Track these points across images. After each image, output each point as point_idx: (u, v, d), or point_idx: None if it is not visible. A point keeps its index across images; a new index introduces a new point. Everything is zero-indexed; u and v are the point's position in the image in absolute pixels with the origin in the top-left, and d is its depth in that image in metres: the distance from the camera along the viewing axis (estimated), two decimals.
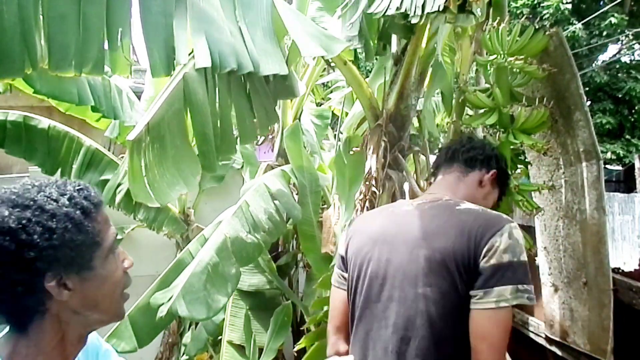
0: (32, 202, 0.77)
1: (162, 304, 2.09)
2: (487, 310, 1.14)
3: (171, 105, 1.78)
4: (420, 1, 1.55)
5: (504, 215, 1.25)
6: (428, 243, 1.23)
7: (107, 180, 3.06)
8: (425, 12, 1.53)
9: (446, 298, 1.18)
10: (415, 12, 1.55)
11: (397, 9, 1.60)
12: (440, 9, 1.52)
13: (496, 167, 1.46)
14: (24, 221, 0.75)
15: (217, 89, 1.85)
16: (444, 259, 1.19)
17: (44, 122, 3.10)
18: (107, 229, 0.85)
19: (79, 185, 0.83)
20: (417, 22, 1.60)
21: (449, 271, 1.18)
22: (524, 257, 1.18)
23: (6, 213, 0.75)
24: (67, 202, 0.79)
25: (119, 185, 2.60)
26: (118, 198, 2.55)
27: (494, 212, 1.29)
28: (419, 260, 1.22)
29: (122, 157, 3.14)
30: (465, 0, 1.60)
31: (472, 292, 1.16)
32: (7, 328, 0.83)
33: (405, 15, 1.62)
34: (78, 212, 0.79)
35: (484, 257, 1.16)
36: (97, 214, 0.83)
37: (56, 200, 0.78)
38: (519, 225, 1.24)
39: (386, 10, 1.63)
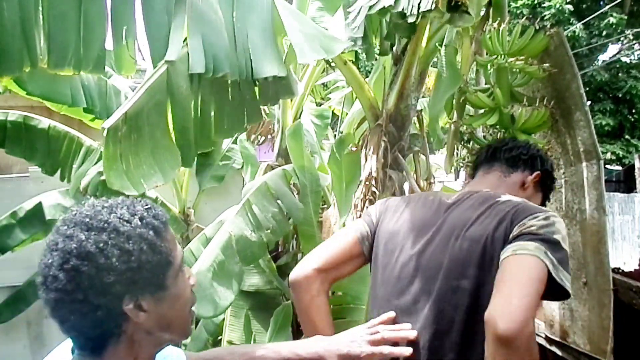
0: (106, 225, 0.75)
1: None
2: (504, 260, 1.05)
3: (152, 97, 1.74)
4: (416, 0, 1.55)
5: (550, 210, 1.19)
6: (465, 233, 1.15)
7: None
8: (421, 11, 1.53)
9: (483, 289, 1.08)
10: (411, 11, 1.55)
11: (391, 6, 1.60)
12: (432, 8, 1.51)
13: (541, 168, 1.39)
14: (101, 244, 0.73)
15: (200, 83, 1.83)
16: (481, 249, 1.11)
17: (44, 122, 3.10)
18: (175, 247, 0.83)
19: (146, 205, 0.82)
20: (413, 21, 1.60)
21: (485, 261, 1.10)
22: (564, 244, 1.08)
23: (83, 237, 0.73)
24: (139, 223, 0.77)
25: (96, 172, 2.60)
26: (83, 183, 2.53)
27: (538, 205, 1.22)
28: (454, 251, 1.14)
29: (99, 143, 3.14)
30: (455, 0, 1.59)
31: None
32: (73, 347, 0.82)
33: (402, 15, 1.62)
34: (151, 232, 0.78)
35: (513, 232, 1.09)
36: (166, 233, 0.82)
37: (129, 222, 0.77)
38: None
39: (386, 7, 1.62)
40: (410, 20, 1.58)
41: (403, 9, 1.57)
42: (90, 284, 0.73)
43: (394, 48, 2.21)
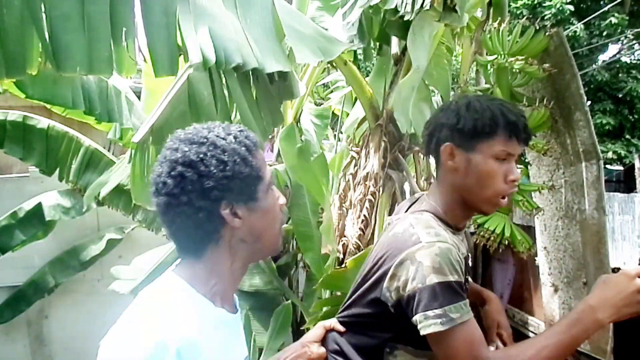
0: (205, 140, 0.87)
1: None
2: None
3: (175, 108, 1.77)
4: None
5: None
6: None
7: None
8: (415, 9, 1.53)
9: None
10: (405, 8, 1.55)
11: (382, 2, 1.59)
12: (427, 7, 1.51)
13: (448, 135, 1.18)
14: (201, 155, 0.85)
15: (223, 89, 1.84)
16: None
17: (43, 122, 3.11)
18: (265, 166, 0.94)
19: (239, 128, 0.93)
20: (408, 19, 1.59)
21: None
22: (427, 280, 1.10)
23: (186, 149, 0.86)
24: (233, 140, 0.89)
25: (117, 183, 2.60)
26: (103, 193, 2.54)
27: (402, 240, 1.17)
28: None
29: (122, 157, 3.13)
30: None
31: None
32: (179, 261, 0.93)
33: (395, 12, 1.62)
34: (243, 148, 0.89)
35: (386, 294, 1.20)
36: (256, 152, 0.92)
37: (224, 138, 0.88)
38: (519, 225, 1.23)
39: (380, 4, 1.62)
40: (407, 17, 1.58)
41: (396, 7, 1.57)
42: (193, 188, 0.84)
43: (395, 49, 2.21)
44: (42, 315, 4.08)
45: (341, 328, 1.28)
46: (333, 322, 1.30)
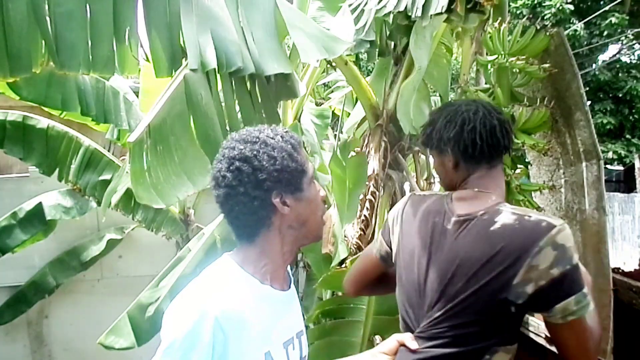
0: (257, 139, 1.01)
1: (151, 303, 2.09)
2: (557, 327, 1.14)
3: (173, 107, 1.77)
4: (421, 2, 1.54)
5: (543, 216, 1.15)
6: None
7: (105, 181, 3.05)
8: (428, 14, 1.52)
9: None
10: (415, 13, 1.54)
11: (395, 7, 1.59)
12: (443, 11, 1.50)
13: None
14: (255, 152, 0.99)
15: (220, 89, 1.84)
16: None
17: (43, 122, 3.10)
18: (308, 161, 1.07)
19: (285, 129, 1.07)
20: (420, 24, 1.59)
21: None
22: (575, 252, 1.11)
23: (242, 147, 1.00)
24: (280, 139, 1.03)
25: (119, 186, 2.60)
26: (114, 200, 2.53)
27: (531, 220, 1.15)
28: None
29: (123, 158, 3.13)
30: (474, 1, 1.58)
31: None
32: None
33: (407, 16, 1.62)
34: (289, 146, 1.03)
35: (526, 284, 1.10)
36: (300, 149, 1.06)
37: (273, 138, 1.02)
38: None
39: (393, 9, 1.61)
40: (424, 23, 1.58)
41: (407, 10, 1.56)
42: (249, 180, 0.99)
43: (396, 49, 2.21)
44: (42, 315, 4.08)
45: (413, 346, 1.18)
46: (406, 338, 1.21)
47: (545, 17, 11.20)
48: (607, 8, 10.96)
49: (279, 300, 1.06)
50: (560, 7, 11.33)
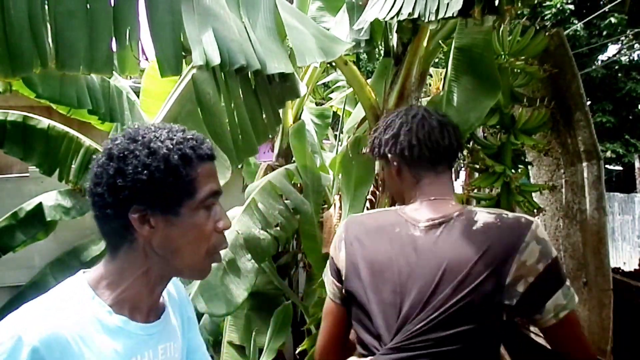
0: (141, 138, 0.83)
1: None
2: (550, 327, 1.13)
3: (183, 107, 1.78)
4: (434, 7, 1.51)
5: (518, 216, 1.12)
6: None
7: None
8: (439, 18, 1.50)
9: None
10: (429, 17, 1.51)
11: (410, 14, 1.56)
12: (455, 15, 1.48)
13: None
14: (125, 152, 0.82)
15: (227, 88, 1.84)
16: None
17: (43, 122, 3.10)
18: (205, 183, 0.86)
19: (193, 136, 0.87)
20: (433, 27, 1.57)
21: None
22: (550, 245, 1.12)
23: (118, 141, 0.84)
24: (169, 146, 0.83)
25: None
26: None
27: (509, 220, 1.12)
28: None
29: None
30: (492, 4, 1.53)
31: None
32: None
33: (413, 20, 1.60)
34: (176, 156, 0.82)
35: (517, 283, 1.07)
36: (198, 165, 0.85)
37: (161, 142, 0.83)
38: None
39: (397, 14, 1.60)
40: (432, 27, 1.56)
41: (420, 15, 1.54)
42: (107, 182, 0.81)
43: (395, 49, 2.21)
44: None
45: None
46: None
47: (545, 17, 11.20)
48: (606, 8, 10.96)
49: (134, 335, 0.85)
50: (561, 7, 11.34)
